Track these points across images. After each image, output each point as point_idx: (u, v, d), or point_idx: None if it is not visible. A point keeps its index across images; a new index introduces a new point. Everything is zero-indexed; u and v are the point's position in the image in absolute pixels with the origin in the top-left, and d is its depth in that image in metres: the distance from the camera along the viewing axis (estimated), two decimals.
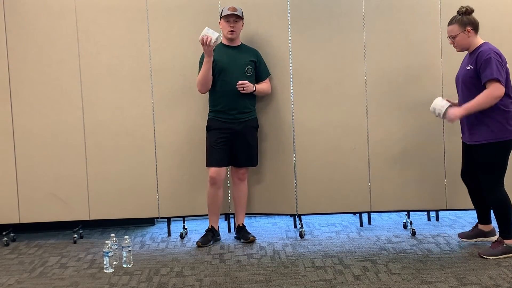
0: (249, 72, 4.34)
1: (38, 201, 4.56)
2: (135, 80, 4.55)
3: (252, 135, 4.44)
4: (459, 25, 3.80)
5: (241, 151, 4.40)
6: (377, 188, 4.54)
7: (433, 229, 4.64)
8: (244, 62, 4.35)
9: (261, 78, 4.45)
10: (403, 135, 4.50)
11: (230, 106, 4.32)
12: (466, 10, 3.80)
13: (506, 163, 3.82)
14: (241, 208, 4.51)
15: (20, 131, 4.54)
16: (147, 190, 4.60)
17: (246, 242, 4.39)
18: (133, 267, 3.90)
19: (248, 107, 4.38)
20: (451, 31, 3.85)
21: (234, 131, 4.34)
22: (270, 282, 3.51)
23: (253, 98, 4.44)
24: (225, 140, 4.34)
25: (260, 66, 4.44)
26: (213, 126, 4.37)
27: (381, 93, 4.50)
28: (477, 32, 3.82)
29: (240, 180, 4.47)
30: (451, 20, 3.86)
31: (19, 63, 4.51)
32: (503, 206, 3.81)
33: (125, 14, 4.53)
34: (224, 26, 4.32)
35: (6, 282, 3.69)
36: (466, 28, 3.79)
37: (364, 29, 4.49)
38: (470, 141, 3.89)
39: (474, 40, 3.82)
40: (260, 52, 4.46)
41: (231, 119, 4.34)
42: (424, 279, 3.46)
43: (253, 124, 4.44)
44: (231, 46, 4.39)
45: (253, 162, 4.48)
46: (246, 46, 4.46)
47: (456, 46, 3.88)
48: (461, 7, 3.83)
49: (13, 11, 4.49)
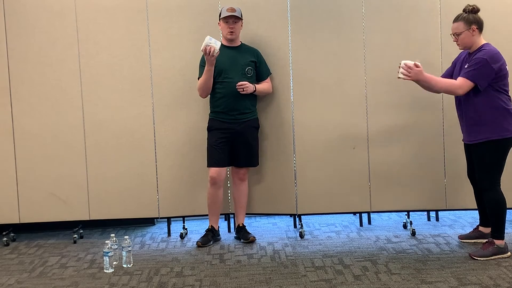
0: (249, 72, 4.34)
1: (38, 201, 4.56)
2: (135, 80, 4.55)
3: (252, 135, 4.44)
4: (464, 23, 3.79)
5: (242, 151, 4.40)
6: (377, 188, 4.54)
7: (433, 229, 4.64)
8: (244, 63, 4.35)
9: (262, 78, 4.45)
10: (403, 135, 4.50)
11: (230, 107, 4.32)
12: (473, 8, 3.80)
13: (503, 163, 3.83)
14: (241, 208, 4.51)
15: (20, 131, 4.54)
16: (147, 190, 4.60)
17: (246, 242, 4.39)
18: (133, 267, 3.90)
19: (249, 108, 4.38)
20: (456, 28, 3.83)
21: (235, 131, 4.34)
22: (270, 282, 3.51)
23: (254, 98, 4.44)
24: (226, 141, 4.34)
25: (260, 66, 4.44)
26: (214, 127, 4.37)
27: (381, 93, 4.50)
28: (481, 31, 3.82)
29: (240, 180, 4.47)
30: (456, 17, 3.85)
31: (19, 63, 4.51)
32: (498, 206, 3.82)
33: (125, 14, 4.53)
34: (224, 27, 4.32)
35: (6, 282, 3.69)
36: (472, 27, 3.78)
37: (364, 29, 4.50)
38: (468, 140, 3.90)
39: (477, 40, 3.81)
40: (260, 52, 4.46)
41: (231, 120, 4.34)
42: (424, 279, 3.46)
43: (254, 124, 4.44)
44: (230, 46, 4.39)
45: (253, 162, 4.48)
46: (246, 46, 4.46)
47: (460, 44, 3.86)
48: (467, 5, 3.82)
49: (13, 11, 4.49)
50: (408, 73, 3.72)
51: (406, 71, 3.73)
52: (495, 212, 3.84)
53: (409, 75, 3.73)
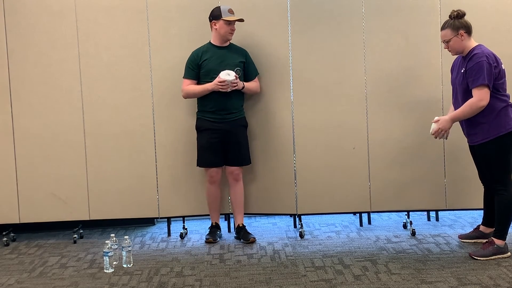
0: (238, 73, 4.35)
1: (38, 201, 4.56)
2: (135, 80, 4.55)
3: (242, 133, 4.45)
4: (451, 30, 3.81)
5: (233, 150, 4.41)
6: (377, 188, 4.54)
7: (433, 229, 4.64)
8: (233, 63, 4.36)
9: (250, 78, 4.46)
10: (403, 135, 4.50)
11: (219, 106, 4.33)
12: (458, 13, 3.80)
13: (509, 161, 3.82)
14: (239, 208, 4.53)
15: (20, 131, 4.54)
16: (147, 190, 4.60)
17: (247, 243, 4.40)
18: (133, 267, 3.90)
19: (236, 107, 4.39)
20: (444, 36, 3.85)
21: (225, 131, 4.36)
22: (270, 282, 3.51)
23: (242, 98, 4.45)
24: (217, 141, 4.37)
25: (249, 66, 4.45)
26: (204, 127, 4.39)
27: (381, 93, 4.50)
28: (470, 34, 3.82)
29: (235, 180, 4.48)
30: (443, 24, 3.87)
31: (19, 63, 4.52)
32: (508, 206, 3.80)
33: (125, 14, 4.53)
34: (224, 28, 4.31)
35: (6, 282, 3.69)
36: (459, 32, 3.79)
37: (364, 29, 4.50)
38: (471, 142, 3.92)
39: (467, 43, 3.82)
40: (248, 52, 4.47)
41: (220, 119, 4.35)
42: (424, 279, 3.46)
43: (242, 123, 4.45)
44: (221, 46, 4.40)
45: (245, 161, 4.49)
46: (235, 46, 4.46)
47: (451, 50, 3.89)
48: (452, 11, 3.82)
49: (13, 11, 4.49)
50: (440, 132, 3.85)
51: (439, 134, 3.87)
52: (504, 212, 3.82)
53: (442, 131, 3.84)
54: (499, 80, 3.75)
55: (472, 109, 3.73)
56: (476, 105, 3.71)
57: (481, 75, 3.67)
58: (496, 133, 3.74)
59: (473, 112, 3.73)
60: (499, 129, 3.74)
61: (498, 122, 3.74)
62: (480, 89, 3.69)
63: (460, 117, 3.81)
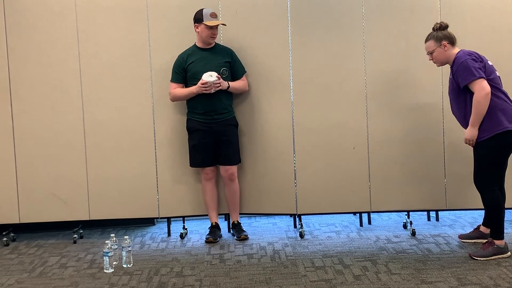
0: (224, 73, 4.36)
1: (38, 201, 4.56)
2: (135, 80, 4.55)
3: (233, 133, 4.46)
4: (434, 41, 3.89)
5: (224, 149, 4.43)
6: (377, 188, 4.54)
7: (433, 229, 4.64)
8: (218, 64, 4.37)
9: (237, 76, 4.47)
10: (403, 135, 4.50)
11: (207, 108, 4.35)
12: (441, 25, 3.90)
13: (501, 163, 3.84)
14: (234, 206, 4.56)
15: (20, 131, 4.54)
16: (147, 190, 4.60)
17: (239, 240, 4.43)
18: (133, 267, 3.90)
19: (225, 108, 4.40)
20: (428, 47, 3.94)
21: (215, 131, 4.38)
22: (270, 282, 3.51)
23: (230, 98, 4.46)
24: (208, 141, 4.39)
25: (235, 65, 4.45)
26: (195, 128, 4.41)
27: (381, 93, 4.50)
28: (454, 44, 3.89)
29: (230, 180, 4.49)
30: (427, 37, 3.95)
31: (19, 63, 4.52)
32: (495, 207, 3.83)
33: (125, 14, 4.53)
34: (205, 32, 4.31)
35: (6, 282, 3.69)
36: (442, 43, 3.87)
37: (364, 29, 4.49)
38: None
39: (451, 52, 3.88)
40: (234, 51, 4.47)
41: (209, 120, 4.37)
42: (424, 279, 3.46)
43: (232, 122, 4.46)
44: (205, 48, 4.40)
45: (236, 160, 4.50)
46: (220, 46, 4.47)
47: (436, 62, 3.97)
48: (435, 24, 3.92)
49: (13, 11, 4.49)
50: (469, 142, 3.83)
51: (469, 143, 3.84)
52: (492, 213, 3.86)
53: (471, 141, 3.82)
54: (487, 76, 3.76)
55: (480, 103, 3.71)
56: (480, 97, 3.70)
57: (469, 72, 3.70)
58: (492, 131, 3.74)
59: (483, 105, 3.71)
60: (495, 126, 3.74)
61: (493, 119, 3.74)
62: (474, 83, 3.71)
63: (476, 119, 3.76)
